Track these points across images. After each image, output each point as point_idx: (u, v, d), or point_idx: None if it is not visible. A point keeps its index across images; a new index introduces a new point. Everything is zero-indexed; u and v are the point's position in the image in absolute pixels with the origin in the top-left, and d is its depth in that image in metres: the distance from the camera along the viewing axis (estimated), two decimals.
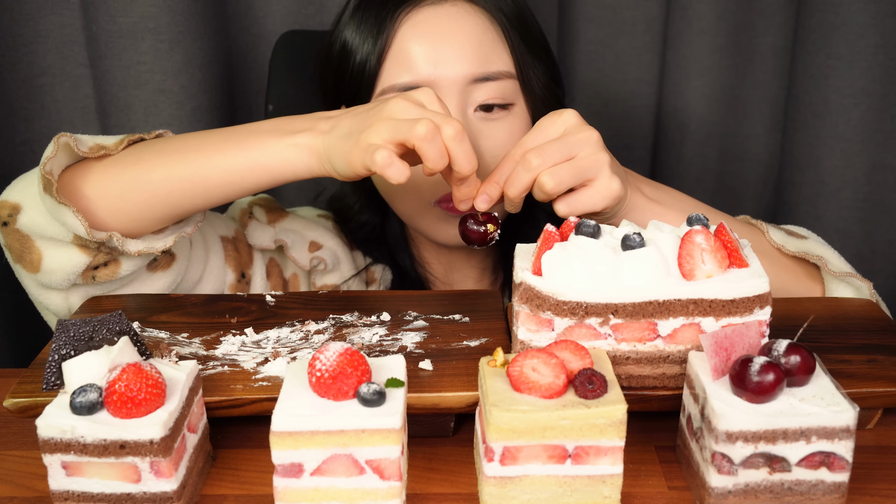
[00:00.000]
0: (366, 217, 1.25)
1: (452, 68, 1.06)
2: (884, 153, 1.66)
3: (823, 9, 1.61)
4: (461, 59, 1.06)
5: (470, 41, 1.07)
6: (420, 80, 1.05)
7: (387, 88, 1.07)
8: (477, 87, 1.07)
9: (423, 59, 1.06)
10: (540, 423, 0.72)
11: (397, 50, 1.07)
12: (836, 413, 0.71)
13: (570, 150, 0.92)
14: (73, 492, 0.73)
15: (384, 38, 1.06)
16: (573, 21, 1.77)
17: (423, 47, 1.06)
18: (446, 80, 1.06)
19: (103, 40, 1.50)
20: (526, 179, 0.91)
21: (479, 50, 1.07)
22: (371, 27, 1.08)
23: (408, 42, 1.06)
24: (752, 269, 0.82)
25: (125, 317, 0.80)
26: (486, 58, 1.08)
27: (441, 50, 1.06)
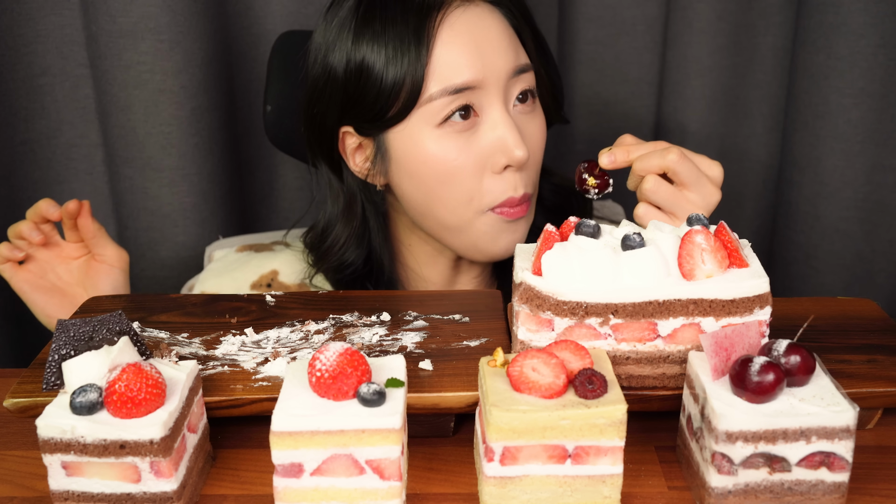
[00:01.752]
0: (350, 257, 1.20)
1: (496, 64, 1.07)
2: (884, 153, 1.66)
3: (823, 9, 1.61)
4: (501, 54, 1.08)
5: (501, 38, 1.09)
6: (469, 80, 1.06)
7: (435, 94, 1.06)
8: (514, 82, 1.10)
9: (470, 59, 1.06)
10: (540, 423, 0.72)
11: (441, 54, 1.06)
12: (836, 413, 0.71)
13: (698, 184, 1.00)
14: (73, 492, 0.73)
15: (426, 47, 1.05)
16: (573, 21, 1.77)
17: (467, 47, 1.06)
18: (493, 77, 1.07)
19: (103, 40, 1.50)
20: (656, 163, 1.00)
21: (511, 45, 1.10)
22: (402, 38, 1.06)
23: (451, 47, 1.06)
24: (752, 269, 0.82)
25: (125, 317, 0.80)
26: (516, 52, 1.10)
27: (484, 48, 1.07)
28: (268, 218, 1.77)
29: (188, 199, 1.59)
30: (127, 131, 1.55)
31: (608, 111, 1.83)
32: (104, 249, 1.17)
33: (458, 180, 1.08)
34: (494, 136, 1.07)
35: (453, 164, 1.08)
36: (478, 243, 1.14)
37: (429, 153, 1.08)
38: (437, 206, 1.12)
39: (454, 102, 1.06)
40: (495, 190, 1.09)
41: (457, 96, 1.06)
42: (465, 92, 1.06)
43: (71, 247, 1.19)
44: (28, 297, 1.17)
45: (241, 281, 1.24)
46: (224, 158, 1.63)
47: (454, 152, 1.07)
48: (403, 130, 1.09)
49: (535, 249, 0.85)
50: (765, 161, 1.83)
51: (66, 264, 1.19)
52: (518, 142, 1.07)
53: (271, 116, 1.43)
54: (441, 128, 1.07)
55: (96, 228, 1.16)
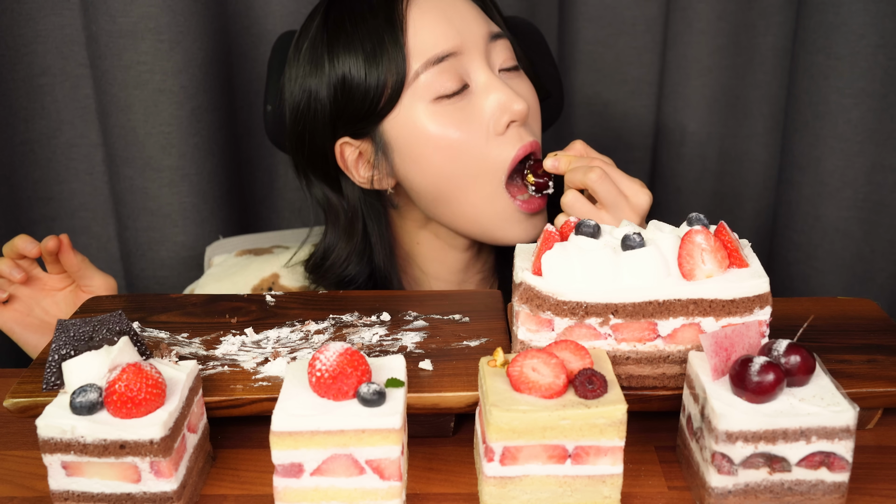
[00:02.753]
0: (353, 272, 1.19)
1: (471, 30, 1.09)
2: (884, 153, 1.66)
3: (823, 9, 1.61)
4: (474, 19, 1.10)
5: (468, 8, 1.11)
6: (448, 48, 1.07)
7: (419, 68, 1.06)
8: (493, 47, 1.11)
9: (444, 31, 1.07)
10: (540, 423, 0.72)
11: (417, 34, 1.07)
12: (836, 413, 0.71)
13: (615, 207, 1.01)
14: (73, 492, 0.73)
15: (400, 32, 1.06)
16: (573, 21, 1.77)
17: (438, 21, 1.07)
18: (470, 41, 1.09)
19: (103, 40, 1.50)
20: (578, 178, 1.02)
21: (479, 15, 1.12)
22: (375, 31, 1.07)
23: (423, 23, 1.07)
24: (751, 269, 0.82)
25: (125, 317, 0.80)
26: (486, 20, 1.12)
27: (453, 19, 1.08)
28: (268, 218, 1.77)
29: (188, 199, 1.59)
30: (127, 131, 1.55)
31: (608, 111, 1.83)
32: (91, 280, 1.13)
33: (464, 153, 1.08)
34: (490, 98, 1.08)
35: (456, 138, 1.07)
36: (492, 227, 1.12)
37: (429, 133, 1.07)
38: (452, 188, 1.10)
39: (441, 74, 1.07)
40: (503, 150, 1.09)
41: (441, 66, 1.07)
42: (448, 59, 1.07)
43: (54, 279, 1.14)
44: (18, 337, 1.13)
45: (241, 285, 1.24)
46: (224, 158, 1.63)
47: (454, 126, 1.07)
48: (398, 117, 1.08)
49: (535, 249, 0.85)
50: (765, 161, 1.83)
51: (51, 297, 1.14)
52: (514, 96, 1.08)
53: (271, 116, 1.43)
54: (436, 104, 1.07)
55: (80, 261, 1.12)
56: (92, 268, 1.14)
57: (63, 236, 1.10)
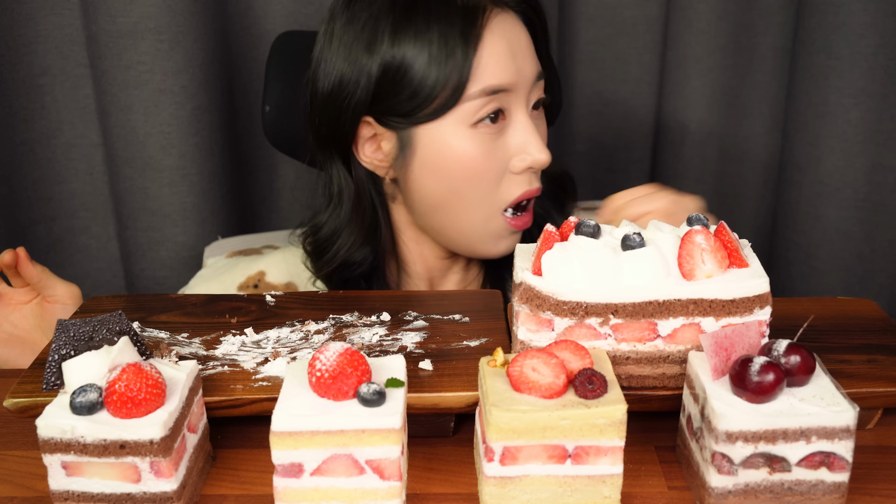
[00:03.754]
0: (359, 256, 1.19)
1: (525, 70, 1.11)
2: (884, 153, 1.66)
3: (823, 9, 1.61)
4: (530, 60, 1.12)
5: (528, 44, 1.13)
6: (505, 82, 1.09)
7: (473, 94, 1.07)
8: (535, 88, 1.14)
9: (506, 65, 1.09)
10: (540, 423, 0.72)
11: (482, 58, 1.08)
12: (836, 413, 0.71)
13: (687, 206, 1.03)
14: (73, 492, 0.73)
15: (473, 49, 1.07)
16: (573, 21, 1.77)
17: (505, 51, 1.09)
18: (522, 82, 1.11)
19: (103, 40, 1.50)
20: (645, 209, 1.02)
21: (533, 52, 1.14)
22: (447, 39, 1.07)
23: (491, 49, 1.08)
24: (751, 269, 0.82)
25: (125, 317, 0.80)
26: (536, 59, 1.14)
27: (517, 53, 1.10)
28: (268, 218, 1.77)
29: (188, 199, 1.59)
30: (127, 131, 1.55)
31: (608, 111, 1.83)
32: (53, 290, 1.11)
33: (482, 179, 1.11)
34: (519, 139, 1.11)
35: (481, 164, 1.10)
36: (477, 244, 1.16)
37: (460, 152, 1.09)
38: (457, 203, 1.13)
39: (489, 104, 1.09)
40: (511, 188, 1.13)
41: (492, 98, 1.08)
42: (499, 94, 1.09)
43: (19, 293, 1.12)
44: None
45: (228, 283, 1.24)
46: (224, 158, 1.63)
47: (484, 152, 1.10)
48: (436, 128, 1.09)
49: (535, 249, 0.85)
50: (765, 161, 1.83)
51: (19, 311, 1.12)
52: (541, 146, 1.11)
53: (270, 116, 1.43)
54: (474, 128, 1.09)
55: (39, 271, 1.10)
56: (53, 277, 1.12)
57: (20, 249, 1.09)
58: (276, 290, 1.22)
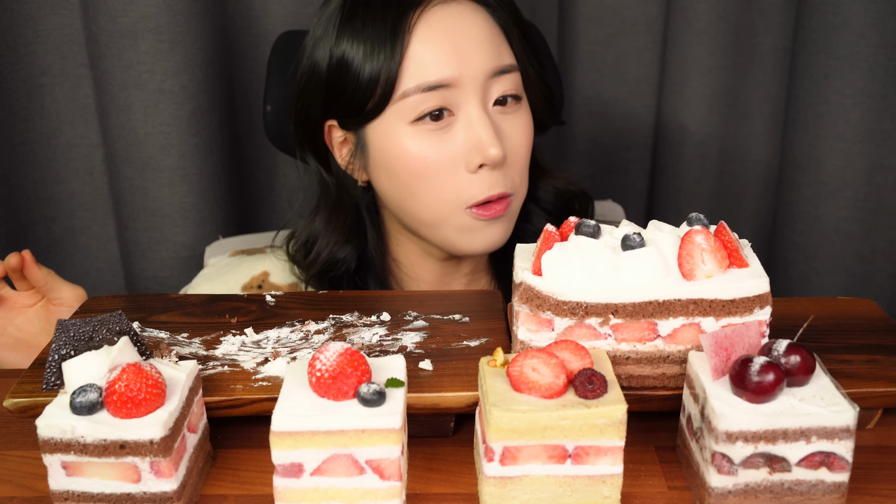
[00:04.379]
0: (343, 253, 1.19)
1: (473, 63, 1.06)
2: (884, 153, 1.66)
3: (823, 9, 1.61)
4: (480, 54, 1.07)
5: (483, 37, 1.08)
6: (444, 77, 1.05)
7: (409, 90, 1.06)
8: (494, 82, 1.08)
9: (446, 57, 1.05)
10: (540, 423, 0.72)
11: (416, 51, 1.05)
12: (836, 413, 0.71)
13: None
14: (73, 492, 0.73)
15: (401, 43, 1.05)
16: (573, 21, 1.77)
17: (442, 45, 1.06)
18: (469, 76, 1.06)
19: (103, 40, 1.50)
20: None
21: (492, 44, 1.08)
22: (379, 34, 1.06)
23: (427, 42, 1.06)
24: (751, 269, 0.82)
25: (125, 317, 0.80)
26: (498, 52, 1.09)
27: (461, 46, 1.06)
28: (268, 218, 1.77)
29: (188, 200, 1.59)
30: (127, 131, 1.55)
31: (608, 111, 1.83)
32: (59, 293, 1.11)
33: (432, 177, 1.08)
34: (469, 134, 1.07)
35: (426, 162, 1.07)
36: (452, 240, 1.13)
37: (403, 149, 1.08)
38: (412, 203, 1.11)
39: (428, 101, 1.06)
40: (471, 188, 1.08)
41: (431, 94, 1.05)
42: (439, 90, 1.05)
43: (24, 296, 1.12)
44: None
45: (231, 284, 1.24)
46: (224, 158, 1.63)
47: (428, 149, 1.07)
48: (380, 126, 1.09)
49: (535, 249, 0.85)
50: (765, 161, 1.83)
51: (23, 314, 1.12)
52: (492, 140, 1.06)
53: (271, 116, 1.42)
54: (415, 125, 1.07)
55: (45, 274, 1.09)
56: (59, 280, 1.11)
57: (25, 252, 1.08)
58: (280, 291, 1.22)
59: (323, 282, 1.20)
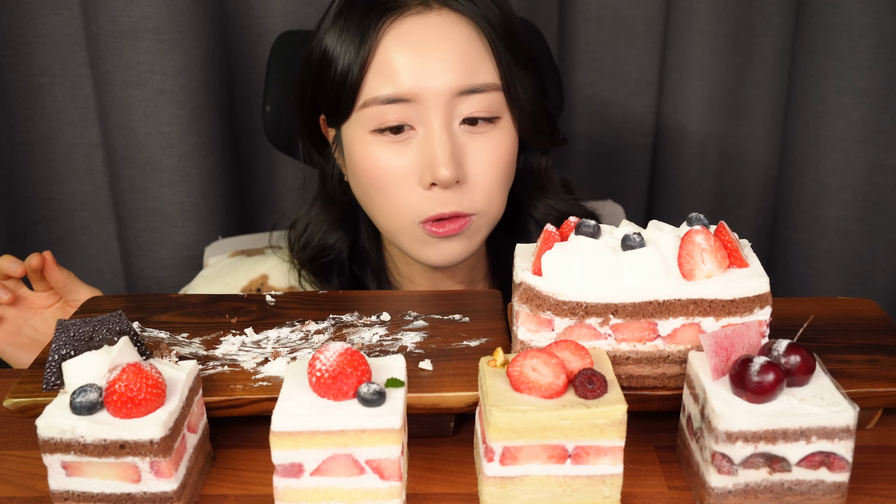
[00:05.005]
0: (332, 239, 1.20)
1: (437, 80, 1.03)
2: (884, 153, 1.66)
3: (823, 9, 1.61)
4: (447, 70, 1.03)
5: (456, 52, 1.03)
6: (403, 91, 1.03)
7: (369, 100, 1.04)
8: (463, 100, 1.04)
9: (407, 71, 1.03)
10: (540, 423, 0.72)
11: (380, 60, 1.03)
12: (836, 413, 0.71)
13: None
14: (73, 492, 0.73)
15: (367, 48, 1.03)
16: (573, 21, 1.77)
17: (407, 58, 1.03)
18: (431, 92, 1.03)
19: (103, 40, 1.50)
20: None
21: (465, 61, 1.04)
22: (353, 35, 1.05)
23: (391, 52, 1.03)
24: (751, 269, 0.82)
25: (125, 317, 0.80)
26: (473, 69, 1.04)
27: (426, 61, 1.03)
28: (268, 218, 1.77)
29: (188, 200, 1.59)
30: (127, 131, 1.55)
31: (608, 111, 1.83)
32: (77, 294, 1.12)
33: (387, 188, 1.07)
34: (425, 151, 1.04)
35: (382, 173, 1.06)
36: (409, 250, 1.12)
37: (362, 156, 1.08)
38: (373, 209, 1.12)
39: (388, 113, 1.04)
40: (424, 204, 1.06)
41: (391, 106, 1.03)
42: (399, 103, 1.03)
43: (41, 296, 1.12)
44: (9, 357, 1.12)
45: (231, 286, 1.24)
46: (224, 158, 1.63)
47: (383, 161, 1.06)
48: (349, 128, 1.09)
49: (535, 249, 0.85)
50: (765, 161, 1.83)
51: (39, 315, 1.12)
52: (445, 160, 1.02)
53: (271, 116, 1.43)
54: (375, 135, 1.06)
55: (65, 276, 1.10)
56: (77, 282, 1.12)
57: (46, 253, 1.09)
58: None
59: (316, 270, 1.21)
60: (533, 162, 1.21)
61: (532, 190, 1.22)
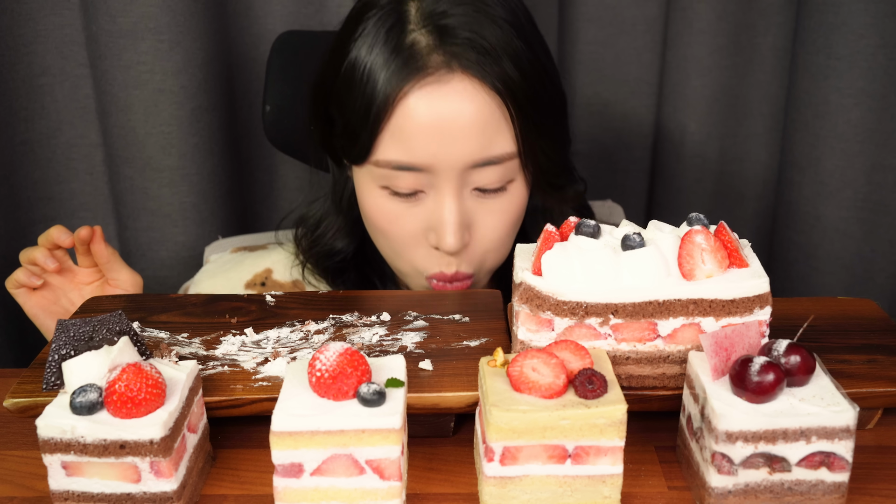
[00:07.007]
0: (340, 244, 1.21)
1: (452, 154, 1.01)
2: (884, 153, 1.66)
3: (823, 9, 1.61)
4: (463, 144, 1.00)
5: (474, 125, 1.00)
6: (417, 162, 1.01)
7: (381, 162, 1.03)
8: (477, 171, 1.03)
9: (423, 142, 1.00)
10: (540, 423, 0.72)
11: (397, 125, 1.01)
12: (836, 413, 0.71)
13: None
14: (73, 492, 0.73)
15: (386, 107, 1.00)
16: (573, 21, 1.77)
17: (423, 129, 1.00)
18: (445, 164, 1.01)
19: (103, 40, 1.50)
20: None
21: (483, 133, 1.01)
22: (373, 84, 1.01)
23: (408, 120, 1.00)
24: (751, 269, 0.82)
25: (125, 317, 0.80)
26: (490, 141, 1.01)
27: (442, 134, 1.00)
28: (268, 218, 1.77)
29: (188, 199, 1.59)
30: (127, 131, 1.55)
31: (608, 111, 1.83)
32: (118, 274, 1.15)
33: (392, 238, 1.09)
34: (433, 214, 1.05)
35: (389, 227, 1.08)
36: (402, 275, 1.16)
37: (369, 205, 1.08)
38: (380, 247, 1.14)
39: (399, 179, 1.03)
40: (428, 260, 1.08)
41: (402, 173, 1.03)
42: (411, 171, 1.02)
43: (84, 272, 1.16)
44: (41, 323, 1.16)
45: (235, 281, 1.24)
46: (224, 158, 1.63)
47: (392, 216, 1.07)
48: (360, 173, 1.09)
49: (535, 249, 0.85)
50: (765, 161, 1.83)
51: (78, 290, 1.16)
52: (452, 230, 1.03)
53: (271, 116, 1.43)
54: (384, 190, 1.06)
55: (110, 253, 1.13)
56: (121, 262, 1.15)
57: (97, 227, 1.12)
58: (283, 288, 1.22)
59: (322, 268, 1.22)
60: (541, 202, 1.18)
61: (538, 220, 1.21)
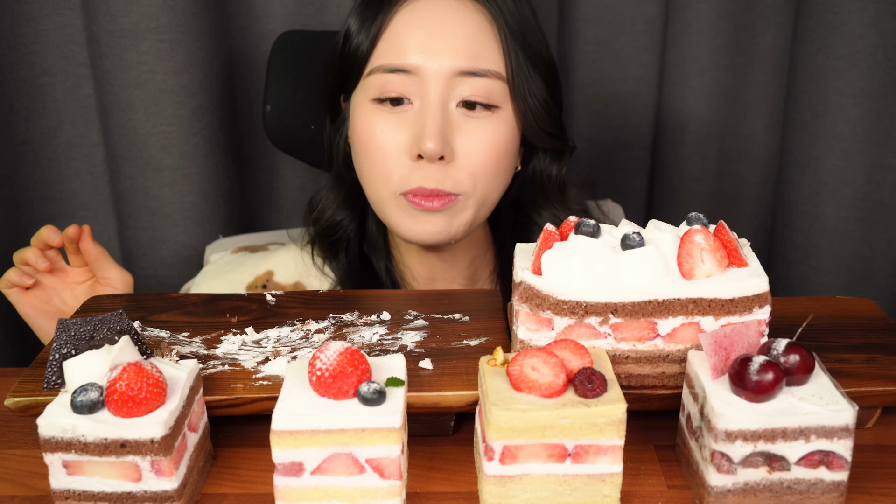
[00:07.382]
0: (340, 217, 1.24)
1: (439, 58, 1.06)
2: (883, 153, 1.66)
3: (823, 9, 1.61)
4: (450, 50, 1.06)
5: (463, 35, 1.07)
6: (406, 64, 1.07)
7: (375, 68, 1.09)
8: (462, 81, 1.07)
9: (413, 46, 1.07)
10: (540, 422, 0.72)
11: (390, 34, 1.08)
12: (835, 412, 0.72)
13: None
14: (74, 491, 0.73)
15: (379, 22, 1.09)
16: (573, 21, 1.77)
17: (414, 34, 1.07)
18: (432, 69, 1.06)
19: (104, 40, 1.50)
20: None
21: (471, 45, 1.07)
22: (370, 13, 1.10)
23: (400, 28, 1.08)
24: (751, 269, 0.82)
25: (126, 316, 0.81)
26: (477, 54, 1.07)
27: (432, 39, 1.07)
28: (268, 218, 1.77)
29: (189, 199, 1.60)
30: (128, 131, 1.55)
31: (608, 111, 1.83)
32: (108, 272, 1.16)
33: (377, 157, 1.10)
34: (416, 124, 1.07)
35: (375, 142, 1.10)
36: (392, 222, 1.13)
37: (360, 124, 1.11)
38: (363, 179, 1.15)
39: (389, 83, 1.08)
40: (409, 176, 1.08)
41: (393, 76, 1.07)
42: (401, 74, 1.07)
43: (76, 272, 1.18)
44: (33, 322, 1.17)
45: (236, 282, 1.25)
46: (224, 158, 1.63)
47: (378, 130, 1.09)
48: (356, 98, 1.13)
49: (534, 249, 0.86)
50: (765, 161, 1.83)
51: (70, 289, 1.18)
52: (433, 134, 1.05)
53: (271, 116, 1.43)
54: (375, 103, 1.10)
55: (98, 252, 1.15)
56: (110, 260, 1.17)
57: (85, 226, 1.14)
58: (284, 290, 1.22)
59: (325, 247, 1.23)
60: (541, 169, 1.21)
61: (537, 197, 1.22)
